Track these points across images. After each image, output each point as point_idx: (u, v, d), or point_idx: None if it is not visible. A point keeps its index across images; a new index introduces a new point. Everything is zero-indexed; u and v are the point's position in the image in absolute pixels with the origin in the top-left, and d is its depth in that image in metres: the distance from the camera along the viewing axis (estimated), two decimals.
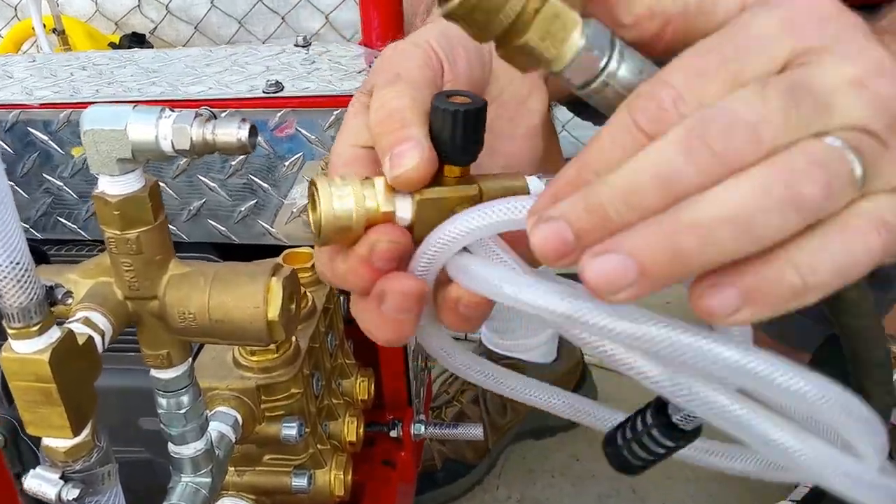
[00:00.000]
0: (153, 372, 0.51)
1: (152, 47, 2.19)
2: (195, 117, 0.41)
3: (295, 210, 0.75)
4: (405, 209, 0.36)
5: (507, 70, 0.41)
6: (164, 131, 0.40)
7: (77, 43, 1.83)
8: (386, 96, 0.37)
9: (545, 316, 0.31)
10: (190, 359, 0.52)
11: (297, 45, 0.89)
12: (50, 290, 0.41)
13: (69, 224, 0.77)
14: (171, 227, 0.73)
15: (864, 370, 0.36)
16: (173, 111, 0.41)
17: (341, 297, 0.81)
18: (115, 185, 0.43)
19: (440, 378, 1.36)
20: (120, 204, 0.43)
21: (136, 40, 2.15)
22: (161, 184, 0.74)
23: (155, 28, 2.30)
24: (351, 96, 0.42)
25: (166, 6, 2.27)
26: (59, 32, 1.82)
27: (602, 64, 0.32)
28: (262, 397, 0.66)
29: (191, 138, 0.41)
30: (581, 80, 0.32)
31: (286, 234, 0.78)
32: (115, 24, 2.30)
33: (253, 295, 0.48)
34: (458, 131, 0.35)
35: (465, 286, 0.35)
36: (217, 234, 0.79)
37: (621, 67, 0.32)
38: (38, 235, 0.79)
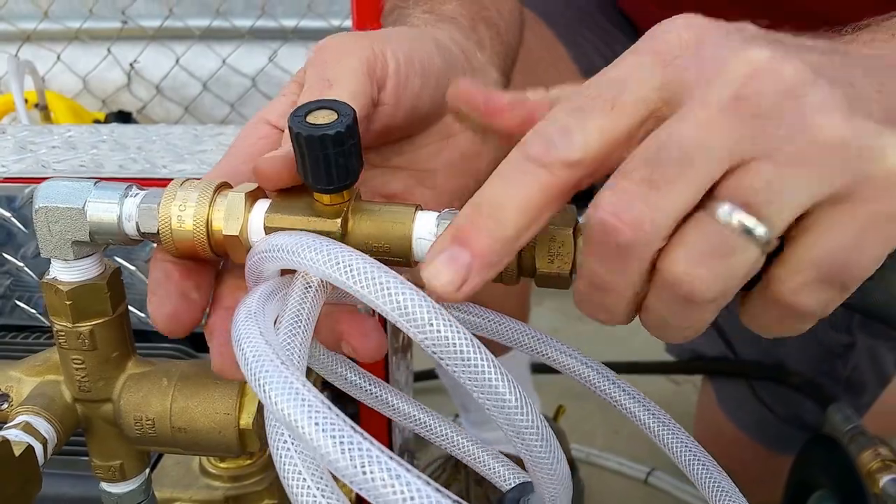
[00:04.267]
0: (103, 485, 0.44)
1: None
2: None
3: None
4: (256, 233, 0.34)
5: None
6: (129, 211, 0.35)
7: (60, 119, 1.78)
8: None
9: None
10: (147, 470, 0.45)
11: None
12: None
13: (28, 309, 0.71)
14: (141, 315, 0.67)
15: None
16: (141, 189, 0.36)
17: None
18: (68, 272, 0.37)
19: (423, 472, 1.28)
20: (73, 293, 0.37)
21: (122, 118, 2.10)
22: (132, 267, 0.69)
23: (143, 107, 2.27)
24: None
25: (156, 86, 2.25)
26: (42, 108, 1.78)
27: None
28: None
29: (160, 220, 0.35)
30: None
31: None
32: (103, 101, 2.26)
33: (224, 399, 0.42)
34: (305, 155, 0.31)
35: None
36: None
37: None
38: None
